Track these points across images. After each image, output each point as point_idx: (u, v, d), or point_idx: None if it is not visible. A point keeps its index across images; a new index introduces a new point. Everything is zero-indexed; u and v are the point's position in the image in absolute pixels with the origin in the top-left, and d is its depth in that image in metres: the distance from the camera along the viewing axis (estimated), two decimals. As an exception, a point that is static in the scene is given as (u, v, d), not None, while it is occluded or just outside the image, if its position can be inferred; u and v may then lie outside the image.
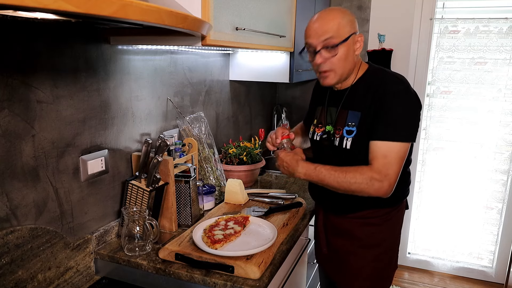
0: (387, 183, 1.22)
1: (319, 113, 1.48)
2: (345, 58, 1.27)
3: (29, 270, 1.09)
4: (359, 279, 1.43)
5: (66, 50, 1.16)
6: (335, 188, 1.27)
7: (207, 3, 1.15)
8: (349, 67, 1.30)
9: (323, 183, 1.29)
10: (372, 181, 1.21)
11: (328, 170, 1.27)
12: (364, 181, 1.22)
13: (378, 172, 1.22)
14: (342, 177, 1.24)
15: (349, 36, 1.26)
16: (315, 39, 1.26)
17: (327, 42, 1.25)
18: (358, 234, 1.41)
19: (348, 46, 1.27)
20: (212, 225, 1.37)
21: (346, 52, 1.27)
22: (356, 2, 2.69)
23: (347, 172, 1.24)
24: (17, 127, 1.04)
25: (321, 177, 1.28)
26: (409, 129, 1.25)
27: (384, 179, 1.22)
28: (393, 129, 1.23)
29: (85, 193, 1.28)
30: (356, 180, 1.23)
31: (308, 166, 1.31)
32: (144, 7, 0.70)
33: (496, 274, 2.82)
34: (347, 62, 1.28)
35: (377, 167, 1.22)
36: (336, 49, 1.25)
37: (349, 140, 1.31)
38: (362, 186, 1.23)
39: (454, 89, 2.65)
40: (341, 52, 1.26)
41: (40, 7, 0.53)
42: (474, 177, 2.74)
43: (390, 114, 1.23)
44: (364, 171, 1.23)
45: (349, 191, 1.25)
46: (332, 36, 1.24)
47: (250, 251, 1.20)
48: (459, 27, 2.54)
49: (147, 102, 1.53)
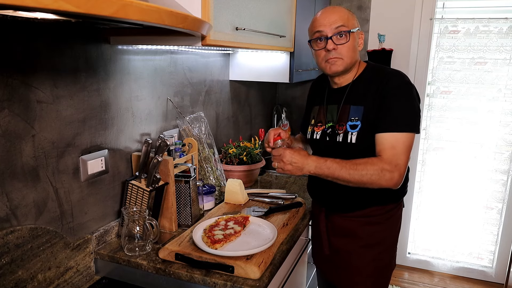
0: (397, 174, 1.24)
1: (317, 112, 1.48)
2: (353, 48, 1.34)
3: (29, 270, 1.09)
4: (360, 278, 1.44)
5: (66, 50, 1.16)
6: (346, 181, 1.27)
7: (207, 3, 1.15)
8: (355, 58, 1.36)
9: (334, 176, 1.27)
10: (383, 172, 1.23)
11: (339, 162, 1.26)
12: (375, 172, 1.23)
13: (388, 162, 1.24)
14: (353, 169, 1.24)
15: (357, 28, 1.34)
16: (327, 26, 1.31)
17: (338, 29, 1.30)
18: (360, 234, 1.42)
19: (355, 38, 1.34)
20: (212, 225, 1.37)
21: (354, 43, 1.33)
22: (356, 2, 2.69)
23: (358, 164, 1.25)
24: (17, 127, 1.04)
25: (332, 170, 1.27)
26: (414, 120, 1.28)
27: (395, 170, 1.24)
28: (398, 120, 1.26)
29: (85, 193, 1.28)
30: (367, 171, 1.23)
31: (318, 159, 1.29)
32: (144, 7, 0.70)
33: (496, 274, 2.82)
34: (354, 53, 1.34)
35: (386, 158, 1.24)
36: (348, 36, 1.31)
37: (354, 134, 1.33)
38: (373, 178, 1.24)
39: (454, 89, 2.65)
40: (351, 41, 1.32)
41: (40, 7, 0.53)
42: (474, 177, 2.74)
43: (395, 106, 1.27)
44: (374, 162, 1.24)
45: (361, 183, 1.25)
46: (343, 25, 1.30)
47: (250, 251, 1.20)
48: (459, 27, 2.54)
49: (147, 102, 1.53)
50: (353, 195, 1.37)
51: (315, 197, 1.55)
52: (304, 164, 1.29)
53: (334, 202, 1.45)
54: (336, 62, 1.33)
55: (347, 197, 1.39)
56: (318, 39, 1.34)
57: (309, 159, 1.29)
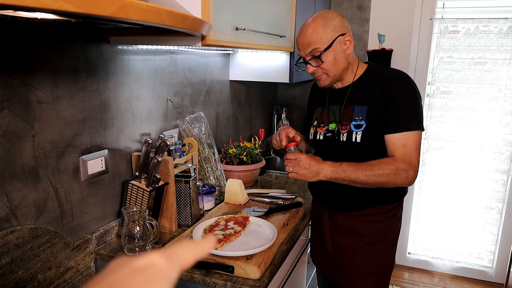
0: (412, 172, 1.27)
1: (320, 113, 1.48)
2: (334, 61, 1.32)
3: (29, 270, 1.09)
4: (363, 277, 1.44)
5: (66, 50, 1.16)
6: (362, 183, 1.28)
7: (207, 3, 1.15)
8: (341, 67, 1.35)
9: (350, 179, 1.28)
10: (399, 171, 1.26)
11: (354, 165, 1.28)
12: (391, 172, 1.25)
13: (403, 161, 1.26)
14: (369, 171, 1.26)
15: (333, 41, 1.30)
16: (302, 52, 1.35)
17: (312, 53, 1.33)
18: (363, 232, 1.42)
19: (334, 50, 1.31)
20: (212, 225, 1.37)
21: (334, 56, 1.32)
22: (356, 2, 2.69)
23: (373, 165, 1.26)
24: (17, 127, 1.04)
25: (348, 173, 1.27)
26: (420, 118, 1.31)
27: (409, 168, 1.26)
28: (407, 119, 1.28)
29: (85, 193, 1.28)
30: (383, 171, 1.25)
31: (333, 164, 1.30)
32: (144, 7, 0.70)
33: (496, 274, 2.81)
34: (337, 64, 1.33)
35: (400, 157, 1.27)
36: (321, 57, 1.31)
37: (359, 134, 1.33)
38: (389, 178, 1.26)
39: (454, 89, 2.65)
40: (329, 58, 1.31)
41: (40, 7, 0.53)
42: (474, 177, 2.74)
43: (401, 106, 1.29)
44: (389, 162, 1.26)
45: (377, 184, 1.27)
46: (316, 48, 1.30)
47: (250, 251, 1.20)
48: (459, 27, 2.54)
49: (147, 102, 1.53)
50: (357, 194, 1.38)
51: (318, 196, 1.55)
52: (320, 169, 1.29)
53: (337, 201, 1.45)
54: (321, 78, 1.37)
55: (351, 196, 1.40)
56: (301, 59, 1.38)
57: (325, 164, 1.30)
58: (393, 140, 1.29)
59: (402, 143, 1.28)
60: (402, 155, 1.27)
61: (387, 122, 1.30)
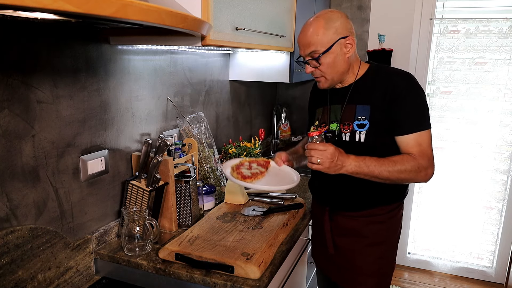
0: (431, 169, 1.29)
1: (321, 114, 1.48)
2: (332, 64, 1.31)
3: (29, 270, 1.09)
4: (364, 278, 1.44)
5: (66, 50, 1.16)
6: (384, 178, 1.27)
7: (207, 3, 1.15)
8: (340, 70, 1.34)
9: (373, 174, 1.26)
10: (420, 168, 1.27)
11: (377, 160, 1.27)
12: (413, 169, 1.26)
13: (422, 158, 1.27)
14: (392, 167, 1.26)
15: (333, 44, 1.28)
16: (302, 51, 1.34)
17: (311, 55, 1.31)
18: (365, 233, 1.42)
19: (334, 53, 1.30)
20: (238, 164, 1.42)
21: (333, 59, 1.31)
22: (356, 2, 2.69)
23: (396, 162, 1.27)
24: (17, 127, 1.04)
25: (371, 169, 1.26)
26: (428, 117, 1.32)
27: (430, 165, 1.28)
28: (417, 120, 1.29)
29: (85, 193, 1.28)
30: (405, 168, 1.26)
31: (357, 158, 1.27)
32: (144, 7, 0.70)
33: (496, 274, 2.81)
34: (336, 67, 1.33)
35: (419, 155, 1.28)
36: (320, 59, 1.30)
37: (363, 133, 1.33)
38: (411, 175, 1.27)
39: (454, 89, 2.65)
40: (327, 60, 1.31)
41: (40, 7, 0.53)
42: (474, 177, 2.74)
43: (410, 108, 1.29)
44: (409, 160, 1.27)
45: (398, 180, 1.28)
46: (315, 49, 1.30)
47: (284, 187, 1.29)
48: (459, 27, 2.54)
49: (147, 102, 1.53)
50: (359, 195, 1.38)
51: (319, 196, 1.54)
52: (345, 162, 1.24)
53: (339, 201, 1.45)
54: (320, 80, 1.37)
55: (353, 196, 1.39)
56: (301, 57, 1.38)
57: (350, 158, 1.26)
58: (407, 140, 1.29)
59: (416, 142, 1.28)
60: (420, 152, 1.27)
61: (396, 123, 1.29)
